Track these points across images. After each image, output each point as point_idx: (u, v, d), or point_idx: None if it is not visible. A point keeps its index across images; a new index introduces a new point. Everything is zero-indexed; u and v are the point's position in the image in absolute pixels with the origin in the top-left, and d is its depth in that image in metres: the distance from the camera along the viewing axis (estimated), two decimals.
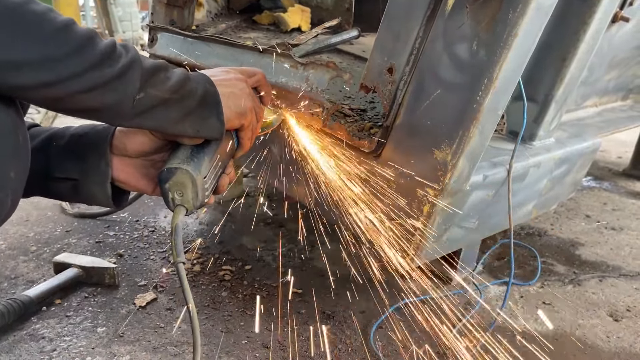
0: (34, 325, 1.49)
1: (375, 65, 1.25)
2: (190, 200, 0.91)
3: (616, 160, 3.79)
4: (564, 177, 1.73)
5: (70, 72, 0.67)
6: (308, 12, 2.23)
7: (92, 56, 0.69)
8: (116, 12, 10.71)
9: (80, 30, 0.69)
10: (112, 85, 0.72)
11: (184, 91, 0.83)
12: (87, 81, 0.69)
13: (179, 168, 0.88)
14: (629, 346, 1.57)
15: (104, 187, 0.92)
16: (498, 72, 1.04)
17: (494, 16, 1.01)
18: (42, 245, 1.97)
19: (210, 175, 0.94)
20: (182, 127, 0.86)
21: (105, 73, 0.71)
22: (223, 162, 0.99)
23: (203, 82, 0.88)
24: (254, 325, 1.54)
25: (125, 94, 0.74)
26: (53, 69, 0.66)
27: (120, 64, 0.73)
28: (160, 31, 2.03)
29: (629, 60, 2.10)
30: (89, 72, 0.69)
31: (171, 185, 0.89)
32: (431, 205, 1.18)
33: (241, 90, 0.96)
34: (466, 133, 1.09)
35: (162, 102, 0.80)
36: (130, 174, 0.97)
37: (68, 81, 0.68)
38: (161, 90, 0.80)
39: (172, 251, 0.90)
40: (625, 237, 2.39)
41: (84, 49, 0.69)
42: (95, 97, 0.71)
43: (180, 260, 0.89)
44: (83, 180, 0.92)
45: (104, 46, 0.71)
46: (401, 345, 1.50)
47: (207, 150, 0.93)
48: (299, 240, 2.10)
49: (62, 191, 0.93)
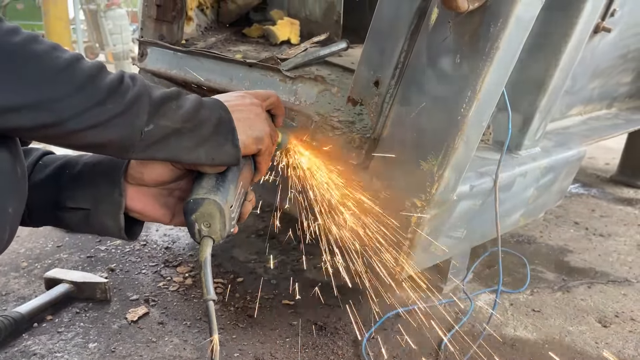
0: (25, 342, 1.48)
1: (362, 78, 1.27)
2: (218, 232, 0.87)
3: (604, 167, 3.84)
4: (550, 185, 1.75)
5: (71, 112, 0.66)
6: (297, 24, 2.25)
7: (95, 94, 0.68)
8: (106, 25, 10.72)
9: (85, 68, 0.68)
10: (115, 121, 0.70)
11: (196, 120, 0.81)
12: (88, 119, 0.68)
13: (206, 198, 0.85)
14: (618, 352, 1.58)
15: (117, 217, 0.89)
16: (481, 85, 1.06)
17: (476, 30, 1.04)
18: (33, 261, 1.96)
19: (235, 203, 0.91)
20: (197, 156, 0.83)
21: (108, 110, 0.69)
22: (245, 189, 0.97)
23: (217, 108, 0.86)
24: (245, 338, 1.55)
25: (131, 128, 0.73)
26: (52, 110, 0.65)
27: (126, 99, 0.71)
28: (150, 46, 2.04)
29: (612, 69, 2.14)
30: (90, 110, 0.68)
31: (198, 216, 0.86)
32: (418, 216, 1.19)
33: (257, 115, 0.94)
34: (451, 144, 1.11)
35: (173, 132, 0.78)
36: (148, 204, 0.94)
37: (68, 121, 0.66)
38: (172, 120, 0.77)
39: (203, 288, 0.84)
40: (613, 244, 2.42)
41: (86, 87, 0.67)
42: (97, 134, 0.70)
43: (211, 297, 0.83)
44: (95, 211, 0.89)
45: (110, 81, 0.70)
46: (392, 356, 1.50)
47: (231, 178, 0.90)
48: (290, 252, 2.11)
49: (73, 221, 0.91)
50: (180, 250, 2.08)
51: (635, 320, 1.75)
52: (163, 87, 0.81)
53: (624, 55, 2.12)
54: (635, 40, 2.07)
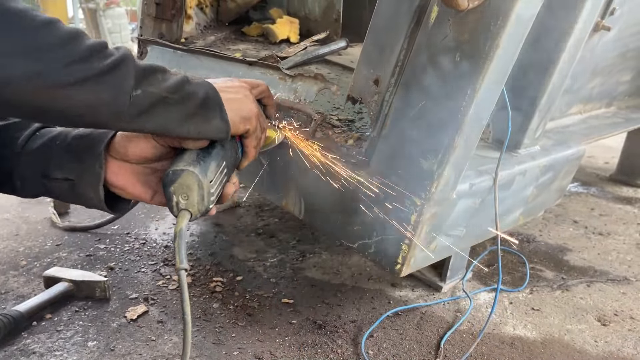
0: (25, 341, 1.48)
1: (362, 77, 1.27)
2: (196, 205, 0.88)
3: (603, 165, 3.84)
4: (549, 184, 1.75)
5: (57, 63, 0.66)
6: (296, 23, 2.25)
7: (80, 49, 0.68)
8: (106, 24, 10.72)
9: (66, 27, 0.68)
10: (104, 78, 0.71)
11: (183, 92, 0.82)
12: (75, 72, 0.68)
13: (185, 170, 0.86)
14: (617, 350, 1.58)
15: (97, 189, 0.91)
16: (481, 83, 1.06)
17: (475, 28, 1.04)
18: (32, 259, 1.96)
19: (216, 180, 0.91)
20: (186, 129, 0.84)
21: (95, 66, 0.70)
22: (229, 170, 0.97)
23: (204, 85, 0.88)
24: (245, 337, 1.55)
25: (120, 89, 0.73)
26: (40, 58, 0.65)
27: (111, 59, 0.72)
28: (149, 44, 2.04)
29: (612, 68, 2.14)
30: (77, 63, 0.68)
31: (176, 187, 0.86)
32: (418, 214, 1.19)
33: (245, 96, 0.96)
34: (451, 143, 1.11)
35: (160, 101, 0.79)
36: (129, 180, 0.95)
37: (56, 72, 0.66)
38: (159, 88, 0.78)
39: (176, 257, 0.85)
40: (612, 242, 2.42)
41: (70, 42, 0.68)
42: (88, 91, 0.70)
43: (183, 267, 0.84)
44: (78, 181, 0.90)
45: (93, 42, 0.71)
46: (392, 354, 1.51)
47: (213, 154, 0.91)
48: (290, 251, 2.12)
49: (60, 191, 0.92)
50: None
51: (635, 319, 1.75)
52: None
53: (624, 54, 2.12)
54: (635, 39, 2.07)
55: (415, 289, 1.87)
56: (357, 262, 2.04)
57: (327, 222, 1.44)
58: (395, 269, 1.30)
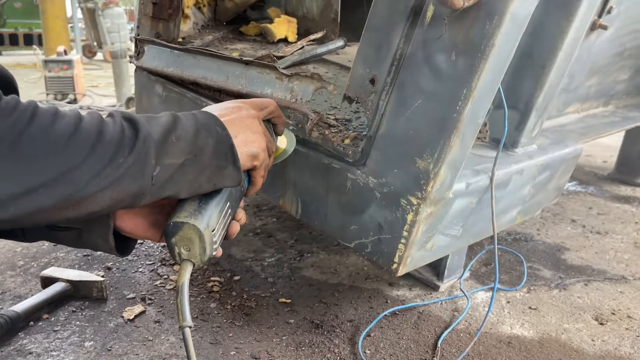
0: (22, 341, 1.48)
1: (358, 76, 1.27)
2: (198, 256, 0.85)
3: (601, 164, 3.84)
4: (547, 183, 1.75)
5: (88, 176, 0.64)
6: (294, 22, 2.25)
7: (106, 151, 0.65)
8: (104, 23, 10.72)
9: (88, 127, 0.65)
10: (129, 173, 0.67)
11: (196, 149, 0.78)
12: (105, 179, 0.65)
13: (185, 223, 0.83)
14: (614, 349, 1.58)
15: (107, 238, 0.88)
16: (477, 82, 1.06)
17: (471, 27, 1.03)
18: (30, 259, 1.96)
19: (219, 227, 0.88)
20: (199, 185, 0.81)
21: (120, 162, 0.67)
22: (233, 208, 0.94)
23: (213, 126, 0.83)
24: (242, 336, 1.55)
25: (143, 177, 0.70)
26: (71, 180, 0.62)
27: (135, 149, 0.68)
28: (146, 44, 2.04)
29: (609, 66, 2.14)
30: (106, 168, 0.65)
31: (177, 240, 0.84)
32: (415, 214, 1.19)
33: (253, 131, 0.91)
34: (447, 142, 1.11)
35: (178, 168, 0.76)
36: (138, 224, 0.92)
37: (87, 186, 0.64)
38: (175, 156, 0.75)
39: (178, 314, 0.81)
40: (610, 241, 2.42)
41: (96, 146, 0.65)
42: (115, 191, 0.67)
43: (187, 324, 0.80)
44: (86, 231, 0.87)
45: (113, 133, 0.67)
46: (389, 354, 1.51)
47: (216, 200, 0.87)
48: (287, 250, 2.11)
49: (67, 239, 0.89)
50: None
51: (632, 318, 1.75)
52: (155, 116, 0.77)
53: (621, 53, 2.12)
54: (632, 37, 2.07)
55: (412, 288, 1.87)
56: (355, 262, 2.04)
57: (324, 221, 1.44)
58: (392, 269, 1.30)
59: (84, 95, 6.25)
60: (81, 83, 6.31)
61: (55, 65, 6.00)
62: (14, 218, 0.60)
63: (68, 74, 6.02)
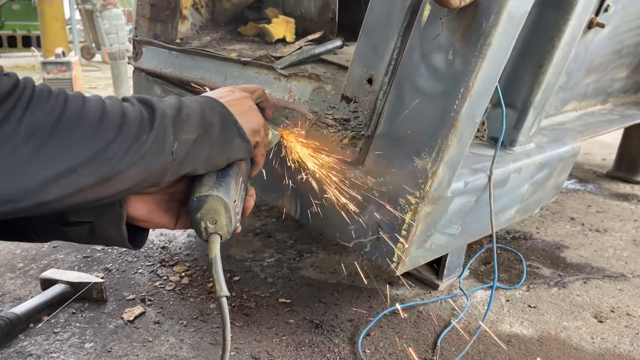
0: (21, 343, 1.48)
1: (355, 76, 1.27)
2: (225, 227, 0.88)
3: (600, 162, 3.84)
4: (545, 181, 1.75)
5: (120, 155, 0.68)
6: (292, 22, 2.25)
7: (131, 130, 0.69)
8: (103, 25, 10.72)
9: (112, 109, 0.69)
10: (152, 147, 0.72)
11: (205, 125, 0.82)
12: (133, 156, 0.69)
13: (209, 195, 0.86)
14: (613, 347, 1.59)
15: (120, 228, 0.88)
16: (474, 81, 1.06)
17: (468, 26, 1.04)
18: (29, 261, 1.96)
19: (238, 198, 0.92)
20: (213, 160, 0.85)
21: (143, 139, 0.70)
22: (244, 183, 0.97)
23: (215, 106, 0.87)
24: (242, 337, 1.55)
25: (164, 152, 0.74)
26: (108, 159, 0.66)
27: (155, 127, 0.72)
28: (145, 45, 2.04)
29: (607, 64, 2.14)
30: (132, 145, 0.69)
31: (203, 214, 0.86)
32: (413, 213, 1.19)
33: (250, 108, 0.96)
34: (445, 141, 1.11)
35: (192, 144, 0.79)
36: (152, 211, 0.93)
37: (118, 164, 0.68)
38: (189, 131, 0.78)
39: (215, 284, 0.83)
40: (609, 239, 2.42)
41: (123, 126, 0.69)
42: (142, 168, 0.71)
43: (224, 294, 0.83)
44: (98, 223, 0.88)
45: (134, 113, 0.71)
46: (388, 353, 1.51)
47: (231, 173, 0.91)
48: (287, 251, 2.12)
49: (79, 235, 0.90)
50: (176, 250, 2.08)
51: (631, 315, 1.76)
52: (163, 99, 0.80)
53: (619, 51, 2.12)
54: (630, 35, 2.07)
55: (412, 287, 1.87)
56: (354, 262, 2.04)
57: (323, 221, 1.44)
58: (391, 268, 1.30)
59: None
60: (80, 85, 6.32)
61: (54, 67, 6.00)
62: (57, 198, 0.64)
63: (66, 75, 6.02)
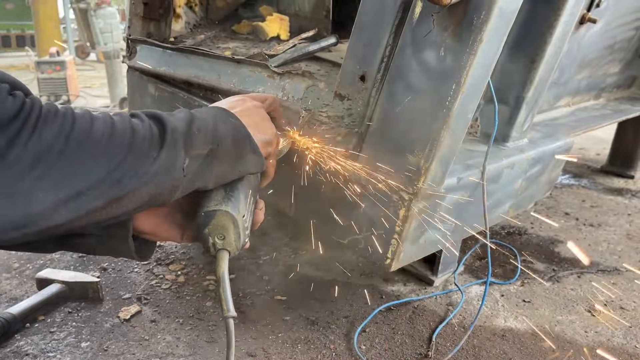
0: (18, 343, 1.48)
1: (348, 73, 1.28)
2: (233, 243, 0.85)
3: (594, 157, 3.86)
4: (538, 176, 1.76)
5: (130, 174, 0.66)
6: (286, 20, 2.25)
7: (141, 148, 0.67)
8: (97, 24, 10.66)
9: (121, 126, 0.67)
10: (163, 166, 0.70)
11: (217, 139, 0.80)
12: (144, 175, 0.67)
13: (218, 210, 0.83)
14: (607, 340, 1.60)
15: (126, 241, 0.87)
16: (465, 77, 1.06)
17: (459, 23, 1.04)
18: (25, 261, 1.96)
19: (247, 213, 0.89)
20: (225, 175, 0.83)
21: (154, 155, 0.69)
22: (254, 197, 0.95)
23: (226, 117, 0.85)
24: (238, 334, 1.55)
25: (175, 169, 0.72)
26: (119, 180, 0.64)
27: (165, 144, 0.71)
28: (138, 43, 2.04)
29: (600, 60, 2.15)
30: (142, 165, 0.67)
31: (211, 229, 0.84)
32: (407, 209, 1.20)
33: (262, 118, 0.94)
34: (437, 137, 1.12)
35: (204, 159, 0.77)
36: (158, 225, 0.91)
37: (129, 183, 0.66)
38: (200, 147, 0.77)
39: (222, 304, 0.81)
40: (603, 233, 2.44)
41: (133, 144, 0.66)
42: (153, 186, 0.69)
43: (231, 314, 0.80)
44: (105, 236, 0.86)
45: (144, 130, 0.69)
46: (384, 349, 1.52)
47: (240, 186, 0.89)
48: (282, 248, 2.12)
49: (87, 246, 0.89)
50: (172, 248, 2.09)
51: (625, 309, 1.77)
52: (172, 113, 0.78)
53: (611, 46, 2.13)
54: (622, 30, 2.08)
55: (407, 283, 1.88)
56: (349, 258, 2.05)
57: (317, 219, 1.45)
58: (385, 264, 1.31)
59: (77, 97, 6.23)
60: (74, 84, 6.29)
61: (48, 67, 5.97)
62: (67, 222, 0.62)
63: (61, 75, 5.99)
